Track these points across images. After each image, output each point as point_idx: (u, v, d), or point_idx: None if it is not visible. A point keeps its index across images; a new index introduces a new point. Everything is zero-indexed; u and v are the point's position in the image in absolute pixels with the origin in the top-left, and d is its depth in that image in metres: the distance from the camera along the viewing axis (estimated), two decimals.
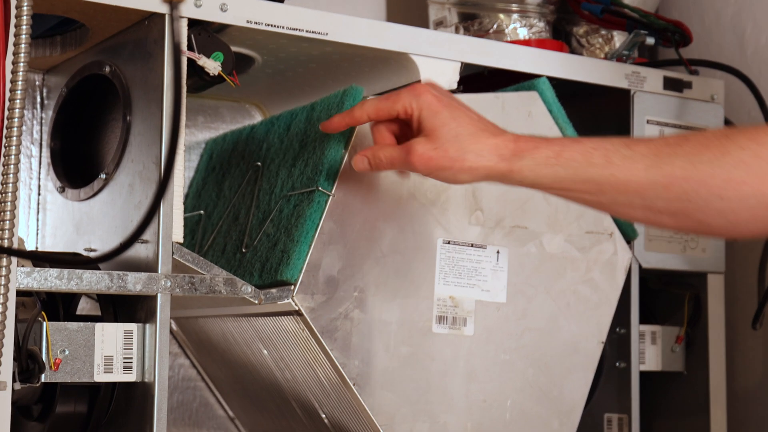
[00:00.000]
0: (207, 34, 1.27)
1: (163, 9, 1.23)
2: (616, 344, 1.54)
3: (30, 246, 1.49)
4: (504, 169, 1.15)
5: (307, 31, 1.31)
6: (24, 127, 1.47)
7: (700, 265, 1.58)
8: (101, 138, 1.37)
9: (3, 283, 1.09)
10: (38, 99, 1.51)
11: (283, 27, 1.30)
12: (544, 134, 1.42)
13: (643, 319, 1.59)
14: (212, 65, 1.26)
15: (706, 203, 1.09)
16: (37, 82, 1.50)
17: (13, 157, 1.11)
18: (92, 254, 1.24)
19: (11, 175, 1.11)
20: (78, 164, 1.43)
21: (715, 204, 1.08)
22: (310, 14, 1.31)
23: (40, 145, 1.50)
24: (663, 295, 1.64)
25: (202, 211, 1.51)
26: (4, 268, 1.10)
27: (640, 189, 1.11)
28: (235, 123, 1.64)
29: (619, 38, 1.64)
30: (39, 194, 1.50)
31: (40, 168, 1.50)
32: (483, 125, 1.18)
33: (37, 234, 1.49)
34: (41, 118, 1.51)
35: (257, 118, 1.67)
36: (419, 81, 1.39)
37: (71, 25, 1.39)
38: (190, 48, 1.26)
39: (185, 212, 1.54)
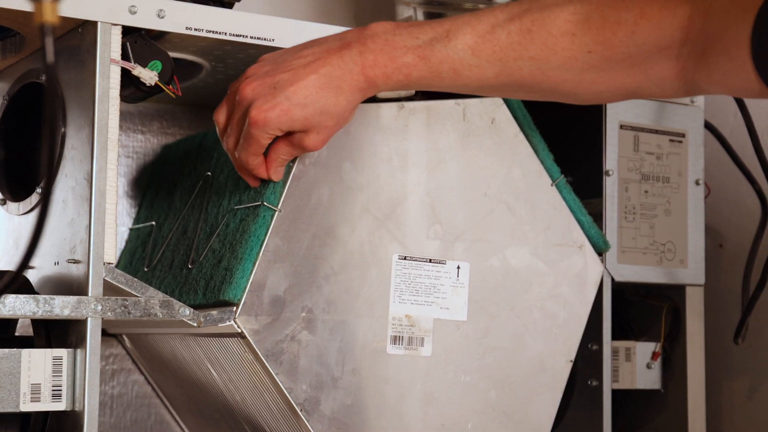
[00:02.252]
0: (144, 41, 1.20)
1: (96, 16, 1.17)
2: (588, 361, 1.47)
3: None
4: (376, 89, 1.17)
5: (252, 38, 1.24)
6: None
7: (677, 277, 1.51)
8: (40, 149, 1.31)
9: None
10: None
11: (225, 33, 1.23)
12: (508, 142, 1.35)
13: (619, 333, 1.52)
14: (148, 75, 1.19)
15: (561, 96, 1.17)
16: None
17: None
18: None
19: None
20: (20, 176, 1.37)
21: (570, 97, 1.17)
22: (254, 19, 1.24)
23: None
24: (641, 307, 1.57)
25: (153, 223, 1.45)
26: None
27: (495, 90, 1.18)
28: (194, 129, 1.58)
29: None
30: None
31: None
32: (327, 81, 1.15)
33: None
34: None
35: None
36: None
37: (11, 31, 1.32)
38: (125, 57, 1.19)
39: (138, 222, 1.49)
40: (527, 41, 1.11)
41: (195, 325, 1.20)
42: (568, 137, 1.47)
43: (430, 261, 1.31)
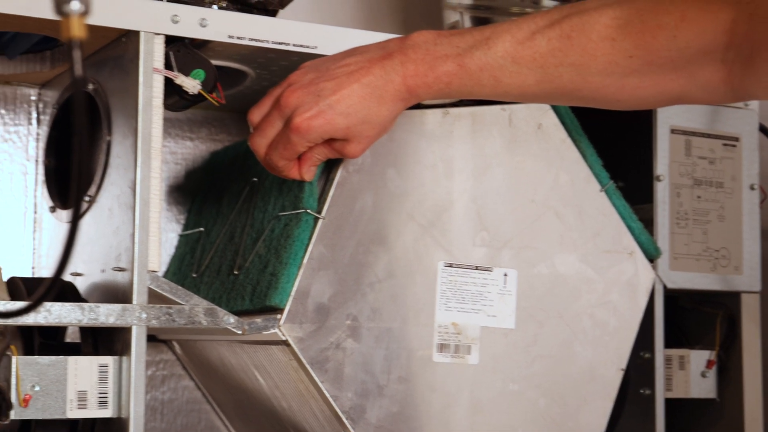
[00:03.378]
0: (187, 50, 1.21)
1: (139, 26, 1.17)
2: (641, 370, 1.44)
3: (25, 266, 1.44)
4: (418, 98, 1.17)
5: (294, 45, 1.24)
6: (19, 143, 1.43)
7: (732, 284, 1.48)
8: (90, 157, 1.32)
9: None
10: (33, 114, 1.46)
11: (268, 41, 1.23)
12: (556, 148, 1.34)
13: (673, 342, 1.50)
14: (191, 84, 1.20)
15: (604, 103, 1.16)
16: (32, 97, 1.46)
17: None
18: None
19: None
20: (69, 184, 1.38)
21: (614, 104, 1.16)
22: (296, 27, 1.24)
23: (36, 161, 1.45)
24: (695, 314, 1.54)
25: (201, 229, 1.45)
26: None
27: (536, 97, 1.17)
28: (242, 135, 1.58)
29: None
30: (35, 212, 1.45)
31: (36, 186, 1.45)
32: (371, 90, 1.15)
33: (34, 253, 1.45)
34: (37, 134, 1.46)
35: None
36: None
37: (58, 42, 1.34)
38: (168, 66, 1.20)
39: (187, 228, 1.49)
40: (567, 47, 1.10)
41: (239, 332, 1.20)
42: (617, 142, 1.45)
43: (477, 268, 1.30)
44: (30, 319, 1.11)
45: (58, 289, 1.23)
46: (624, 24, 1.08)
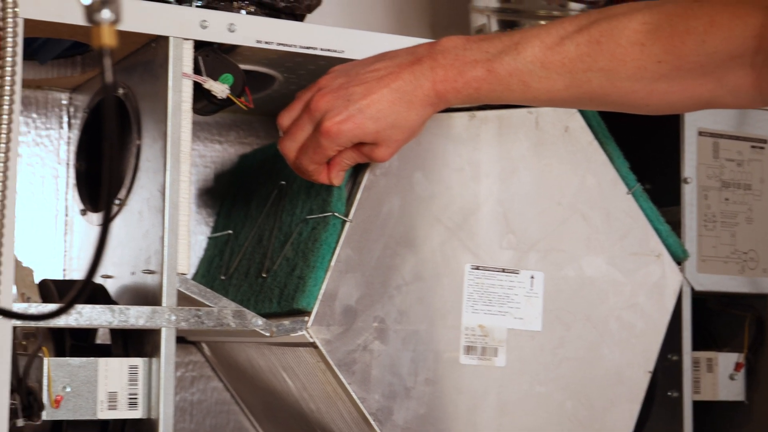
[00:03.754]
0: (215, 55, 1.22)
1: (168, 31, 1.18)
2: (668, 372, 1.44)
3: (57, 268, 1.46)
4: (448, 103, 1.17)
5: (321, 49, 1.25)
6: (51, 147, 1.45)
7: (761, 286, 1.48)
8: (120, 161, 1.33)
9: None
10: (64, 118, 1.47)
11: (295, 46, 1.24)
12: (582, 150, 1.34)
13: (701, 344, 1.50)
14: (219, 88, 1.21)
15: (633, 108, 1.15)
16: (63, 102, 1.47)
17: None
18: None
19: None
20: (100, 187, 1.40)
21: (643, 108, 1.15)
22: (323, 31, 1.25)
23: (67, 165, 1.47)
24: (723, 316, 1.54)
25: (230, 231, 1.46)
26: None
27: (565, 102, 1.17)
28: (270, 138, 1.59)
29: None
30: (66, 215, 1.47)
31: (67, 189, 1.47)
32: (399, 96, 1.15)
33: (65, 255, 1.47)
34: (68, 138, 1.47)
35: None
36: None
37: (88, 47, 1.35)
38: (197, 70, 1.21)
39: (216, 231, 1.51)
40: (596, 52, 1.10)
41: (267, 334, 1.21)
42: (644, 145, 1.46)
43: (504, 271, 1.30)
44: (61, 321, 1.13)
45: (89, 291, 1.25)
46: (653, 29, 1.08)
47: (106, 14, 0.74)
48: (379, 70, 1.16)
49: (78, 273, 1.44)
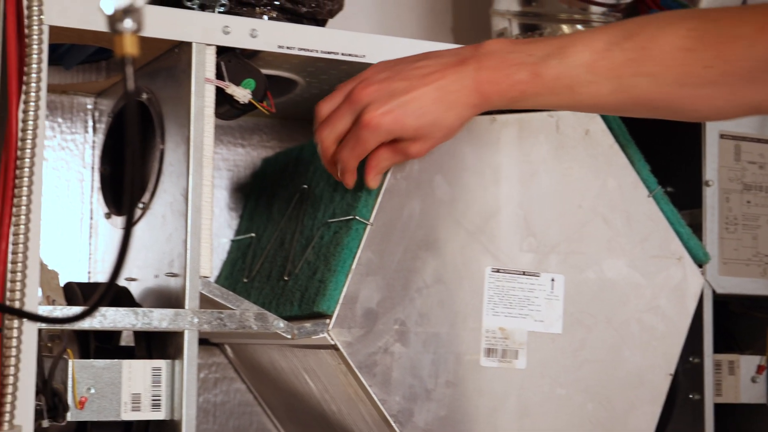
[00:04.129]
0: (237, 60, 1.23)
1: (191, 37, 1.20)
2: (690, 375, 1.45)
3: (82, 271, 1.48)
4: (489, 105, 1.18)
5: (343, 54, 1.26)
6: (76, 151, 1.47)
7: None
8: (144, 165, 1.35)
9: (16, 334, 1.06)
10: (89, 123, 1.49)
11: (317, 51, 1.25)
12: (603, 153, 1.35)
13: (724, 347, 1.50)
14: (241, 93, 1.22)
15: (680, 114, 1.16)
16: (88, 106, 1.49)
17: (23, 217, 1.07)
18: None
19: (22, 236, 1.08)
20: (123, 191, 1.41)
21: (690, 114, 1.16)
22: (344, 36, 1.26)
23: (92, 169, 1.48)
24: (746, 319, 1.54)
25: (253, 234, 1.47)
26: (16, 322, 1.07)
27: (611, 108, 1.18)
28: (293, 141, 1.60)
29: None
30: (91, 218, 1.48)
31: (92, 192, 1.48)
32: (442, 95, 1.16)
33: (89, 258, 1.48)
34: (93, 142, 1.49)
35: None
36: None
37: (112, 52, 1.37)
38: (219, 76, 1.22)
39: (239, 233, 1.52)
40: (643, 57, 1.10)
41: (289, 337, 1.22)
42: (665, 147, 1.46)
43: (524, 273, 1.31)
44: (86, 324, 1.14)
45: (113, 294, 1.26)
46: (701, 35, 1.08)
47: (128, 23, 0.75)
48: (424, 68, 1.17)
49: (102, 276, 1.46)
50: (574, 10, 1.48)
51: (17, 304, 1.06)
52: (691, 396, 1.45)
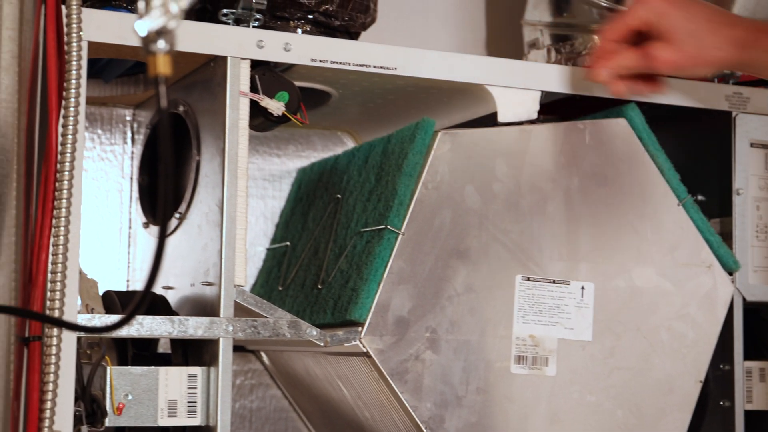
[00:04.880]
0: (271, 73, 1.26)
1: (226, 51, 1.22)
2: (720, 382, 1.46)
3: (120, 279, 1.51)
4: (741, 58, 1.23)
5: (374, 67, 1.28)
6: (115, 162, 1.50)
7: None
8: (181, 176, 1.38)
9: (55, 342, 1.09)
10: (128, 134, 1.52)
11: (349, 64, 1.28)
12: (632, 162, 1.36)
13: (754, 354, 1.50)
14: (275, 106, 1.25)
15: None
16: (127, 117, 1.52)
17: (62, 227, 1.10)
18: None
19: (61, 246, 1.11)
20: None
21: None
22: (376, 50, 1.28)
23: (131, 179, 1.52)
24: None
25: (288, 243, 1.50)
26: (56, 331, 1.10)
27: None
28: (327, 151, 1.63)
29: None
30: (130, 228, 1.52)
31: (131, 202, 1.52)
32: (717, 17, 1.23)
33: (128, 267, 1.51)
34: (131, 153, 1.52)
35: (350, 145, 1.65)
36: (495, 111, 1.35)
37: None
38: (254, 89, 1.25)
39: (274, 242, 1.55)
40: None
41: (322, 344, 1.24)
42: (695, 156, 1.47)
43: (554, 282, 1.32)
44: (123, 332, 1.17)
45: (151, 302, 1.29)
46: None
47: (161, 44, 0.78)
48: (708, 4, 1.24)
49: (140, 284, 1.49)
50: (605, 20, 1.49)
51: (57, 313, 1.10)
52: (721, 403, 1.46)
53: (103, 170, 1.51)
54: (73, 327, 1.07)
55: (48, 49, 1.11)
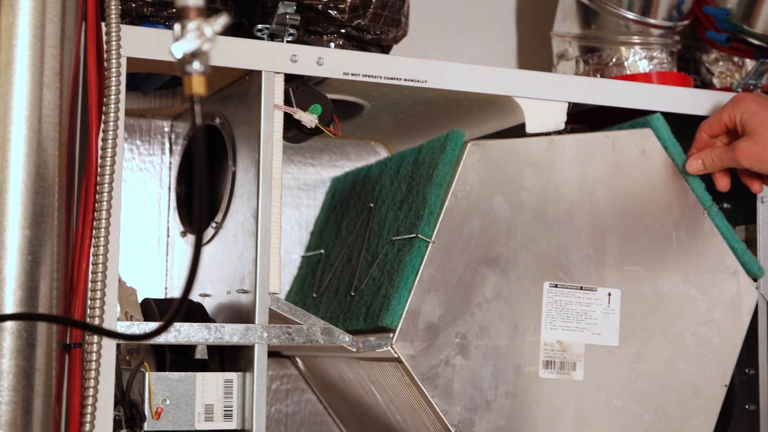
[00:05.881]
0: (305, 87, 1.29)
1: (261, 66, 1.26)
2: (745, 386, 1.48)
3: (159, 287, 1.55)
4: None
5: (405, 80, 1.32)
6: (153, 172, 1.54)
7: None
8: (217, 186, 1.42)
9: (96, 349, 1.13)
10: (166, 145, 1.56)
11: (380, 77, 1.31)
12: (658, 172, 1.39)
13: None
14: (308, 118, 1.28)
15: None
16: (165, 129, 1.56)
17: (102, 237, 1.14)
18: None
19: (101, 256, 1.14)
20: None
21: None
22: (406, 63, 1.32)
23: (169, 189, 1.56)
24: None
25: (322, 251, 1.54)
26: (96, 338, 1.14)
27: None
28: (360, 161, 1.66)
29: (751, 65, 1.58)
30: (168, 236, 1.56)
31: (169, 211, 1.56)
32: None
33: (166, 275, 1.55)
34: (169, 163, 1.56)
35: (383, 154, 1.69)
36: (523, 123, 1.38)
37: None
38: (288, 102, 1.28)
39: (308, 250, 1.58)
40: None
41: (354, 350, 1.28)
42: None
43: (581, 288, 1.35)
44: (161, 339, 1.21)
45: (188, 310, 1.33)
46: None
47: (196, 66, 0.81)
48: None
49: (178, 292, 1.53)
50: (632, 32, 1.52)
51: (97, 321, 1.13)
52: (747, 406, 1.48)
53: (141, 180, 1.55)
54: (114, 335, 1.11)
55: (88, 66, 1.15)
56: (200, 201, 0.85)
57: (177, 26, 0.83)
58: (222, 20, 0.82)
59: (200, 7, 0.82)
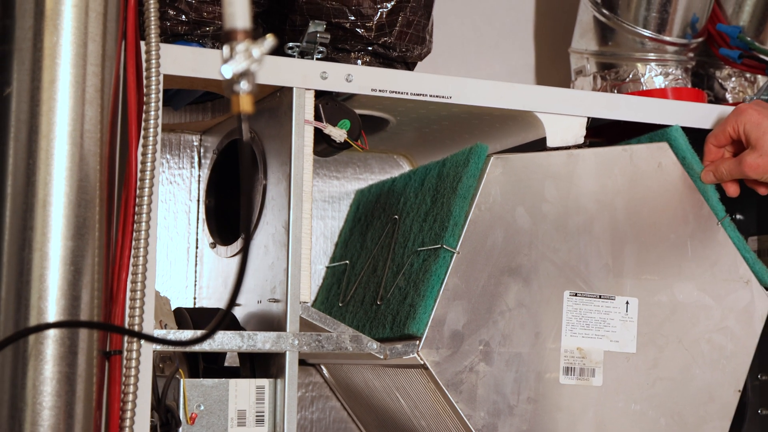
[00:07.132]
0: (334, 103, 1.34)
1: (292, 83, 1.30)
2: (759, 391, 1.52)
3: (188, 297, 1.59)
4: None
5: (430, 96, 1.36)
6: (183, 185, 1.58)
7: None
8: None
9: (135, 356, 1.17)
10: (195, 158, 1.61)
11: (407, 93, 1.35)
12: (674, 184, 1.44)
13: None
14: (338, 133, 1.33)
15: None
16: (194, 143, 1.61)
17: (141, 248, 1.18)
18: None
19: (141, 266, 1.18)
20: (227, 222, 1.53)
21: None
22: (432, 79, 1.36)
23: (198, 201, 1.60)
24: None
25: (347, 261, 1.58)
26: (135, 342, 1.18)
27: None
28: (384, 174, 1.71)
29: (763, 81, 1.62)
30: (197, 247, 1.60)
31: (198, 223, 1.60)
32: None
33: (195, 285, 1.60)
34: (198, 176, 1.61)
35: (406, 168, 1.73)
36: (544, 137, 1.43)
37: (218, 95, 1.48)
38: (318, 117, 1.33)
39: (333, 261, 1.63)
40: None
41: (381, 357, 1.32)
42: None
43: (600, 297, 1.40)
44: (196, 347, 1.26)
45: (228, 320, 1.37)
46: None
47: (244, 85, 0.86)
48: None
49: (207, 301, 1.57)
50: (648, 49, 1.56)
51: (136, 329, 1.18)
52: (760, 411, 1.52)
53: (171, 193, 1.60)
54: (160, 341, 1.15)
55: (128, 83, 1.20)
56: (247, 215, 0.90)
57: (225, 48, 0.87)
58: (269, 42, 0.86)
59: (248, 30, 0.87)
